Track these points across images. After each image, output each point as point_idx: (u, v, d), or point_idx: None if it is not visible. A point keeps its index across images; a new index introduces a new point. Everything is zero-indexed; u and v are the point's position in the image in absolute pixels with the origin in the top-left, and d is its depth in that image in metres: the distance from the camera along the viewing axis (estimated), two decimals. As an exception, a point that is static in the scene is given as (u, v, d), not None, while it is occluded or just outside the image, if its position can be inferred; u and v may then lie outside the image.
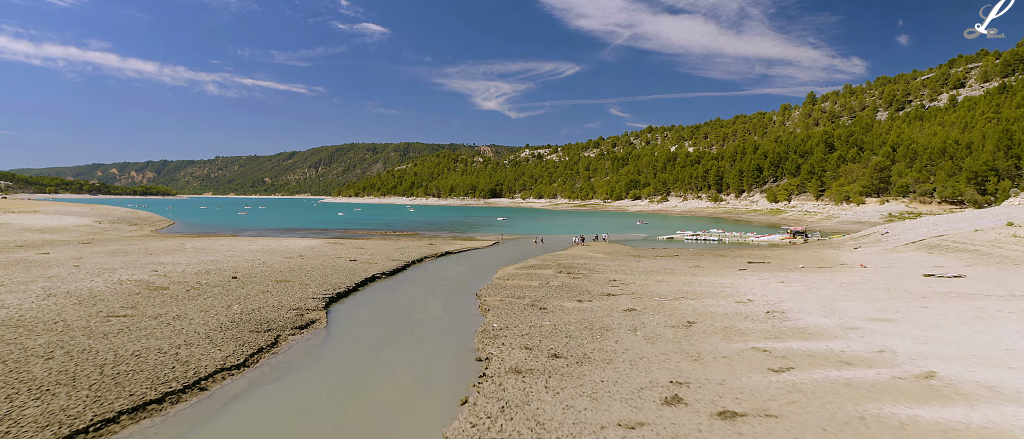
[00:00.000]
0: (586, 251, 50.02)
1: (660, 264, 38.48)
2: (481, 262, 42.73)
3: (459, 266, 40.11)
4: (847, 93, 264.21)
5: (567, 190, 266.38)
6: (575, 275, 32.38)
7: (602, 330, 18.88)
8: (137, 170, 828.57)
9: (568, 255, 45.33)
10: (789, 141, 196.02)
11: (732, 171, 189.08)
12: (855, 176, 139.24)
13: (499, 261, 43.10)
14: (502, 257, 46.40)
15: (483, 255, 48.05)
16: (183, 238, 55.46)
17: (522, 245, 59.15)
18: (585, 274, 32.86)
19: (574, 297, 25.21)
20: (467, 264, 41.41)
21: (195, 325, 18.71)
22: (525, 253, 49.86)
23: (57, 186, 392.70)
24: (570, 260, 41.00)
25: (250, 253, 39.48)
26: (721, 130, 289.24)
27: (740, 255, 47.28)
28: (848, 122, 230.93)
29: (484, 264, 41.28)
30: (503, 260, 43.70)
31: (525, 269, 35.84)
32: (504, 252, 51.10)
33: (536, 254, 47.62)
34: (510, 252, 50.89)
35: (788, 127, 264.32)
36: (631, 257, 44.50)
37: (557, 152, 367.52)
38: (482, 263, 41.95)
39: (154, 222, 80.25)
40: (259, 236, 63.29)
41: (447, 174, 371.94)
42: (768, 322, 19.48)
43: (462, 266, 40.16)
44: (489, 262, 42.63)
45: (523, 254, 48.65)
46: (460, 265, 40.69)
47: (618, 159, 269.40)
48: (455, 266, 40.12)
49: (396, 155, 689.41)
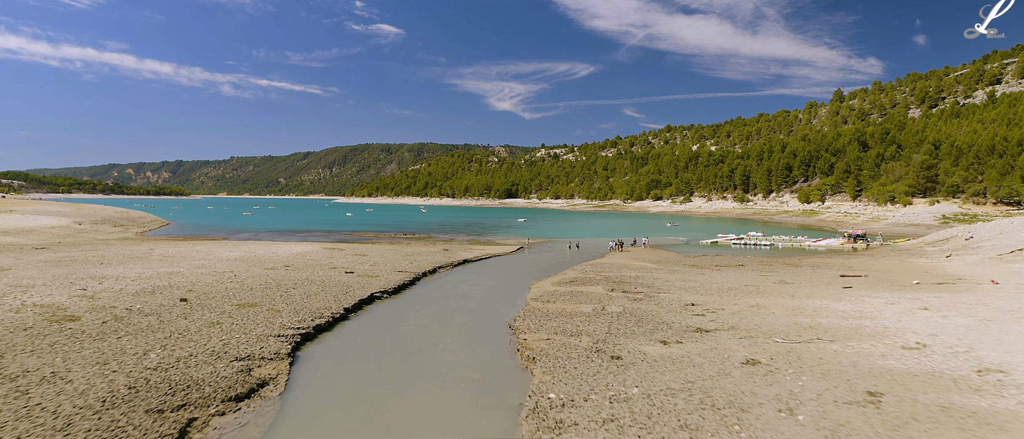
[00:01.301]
0: (629, 258, 42.22)
1: (732, 278, 30.59)
2: (507, 273, 35.14)
3: (481, 279, 32.52)
4: (876, 90, 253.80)
5: (585, 190, 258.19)
6: (635, 295, 24.65)
7: (735, 409, 11.20)
8: (153, 170, 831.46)
9: (610, 264, 37.57)
10: (819, 139, 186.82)
11: (759, 170, 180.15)
12: (897, 175, 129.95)
13: (529, 272, 35.48)
14: (531, 266, 38.78)
15: (508, 263, 40.43)
16: (159, 242, 48.39)
17: (552, 250, 51.41)
18: (647, 293, 25.14)
19: (651, 333, 17.53)
20: (490, 276, 33.84)
21: (58, 400, 11.25)
22: (558, 261, 42.15)
23: (70, 186, 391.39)
24: (617, 271, 33.27)
25: (224, 263, 32.18)
26: (744, 128, 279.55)
27: (814, 264, 39.20)
28: (878, 120, 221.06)
29: (511, 276, 33.69)
30: (534, 270, 36.08)
31: (566, 285, 28.17)
32: (532, 259, 43.46)
33: (572, 263, 39.87)
34: (540, 260, 43.24)
35: (815, 125, 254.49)
36: (687, 266, 36.66)
37: (573, 152, 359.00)
38: (509, 275, 34.34)
39: (143, 223, 73.51)
40: (250, 240, 56.26)
41: (461, 174, 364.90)
42: (1006, 395, 11.71)
43: (485, 279, 32.57)
44: (517, 273, 35.03)
45: (556, 262, 40.93)
46: (482, 277, 33.13)
47: (637, 159, 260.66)
48: (476, 279, 32.55)
49: (410, 155, 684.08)
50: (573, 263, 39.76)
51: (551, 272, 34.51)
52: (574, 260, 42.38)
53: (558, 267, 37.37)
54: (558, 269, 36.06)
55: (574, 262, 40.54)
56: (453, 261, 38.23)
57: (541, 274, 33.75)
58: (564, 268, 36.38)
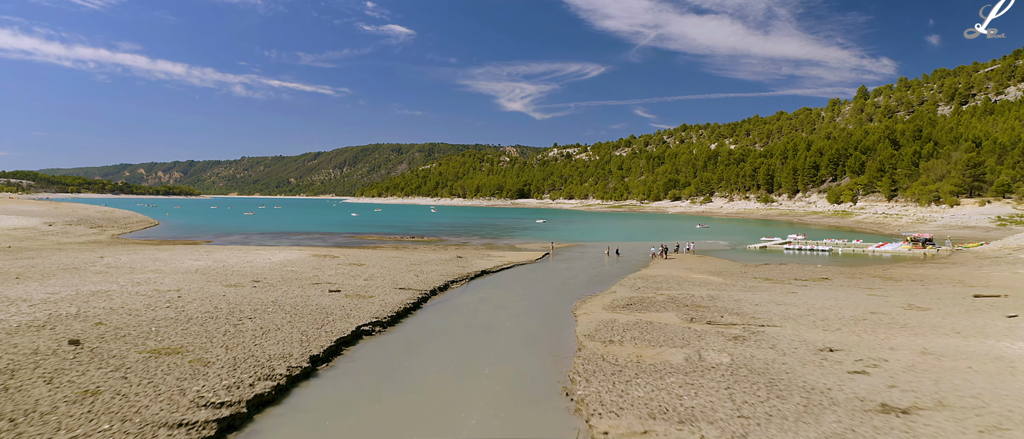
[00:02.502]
0: (681, 268, 34.85)
1: (839, 299, 23.17)
2: (539, 289, 27.85)
3: (507, 298, 25.26)
4: (902, 87, 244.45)
5: (599, 190, 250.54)
6: (730, 330, 17.32)
7: None
8: (164, 170, 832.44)
9: (665, 277, 30.20)
10: (845, 138, 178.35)
11: (784, 170, 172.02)
12: (939, 174, 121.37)
13: (566, 287, 28.20)
14: (566, 279, 31.49)
15: (536, 275, 33.12)
16: (123, 247, 41.55)
17: (583, 257, 44.00)
18: (746, 326, 17.83)
19: (816, 421, 10.30)
20: (518, 293, 26.56)
21: None
22: (597, 272, 34.81)
23: (79, 186, 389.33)
24: (680, 288, 25.95)
25: (178, 277, 25.18)
26: (764, 127, 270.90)
27: (917, 277, 31.56)
28: (906, 117, 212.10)
29: (545, 294, 26.41)
30: (571, 285, 28.79)
31: (624, 309, 20.89)
32: (564, 269, 36.15)
33: (615, 274, 32.54)
34: (574, 270, 35.90)
35: (838, 123, 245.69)
36: (763, 281, 29.22)
37: (586, 151, 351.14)
38: (541, 292, 27.04)
39: (126, 225, 66.79)
40: (235, 244, 49.50)
41: (473, 174, 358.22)
42: None
43: (511, 298, 25.28)
44: (551, 289, 27.75)
45: (595, 274, 33.58)
46: (508, 296, 25.87)
47: (653, 158, 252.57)
48: (500, 298, 25.32)
49: (421, 155, 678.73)
50: (616, 275, 32.41)
51: (594, 287, 27.23)
52: (615, 271, 35.07)
53: (600, 281, 30.08)
54: (601, 283, 28.78)
55: (617, 273, 33.19)
56: (468, 273, 30.99)
57: (582, 291, 26.49)
58: (608, 282, 29.10)
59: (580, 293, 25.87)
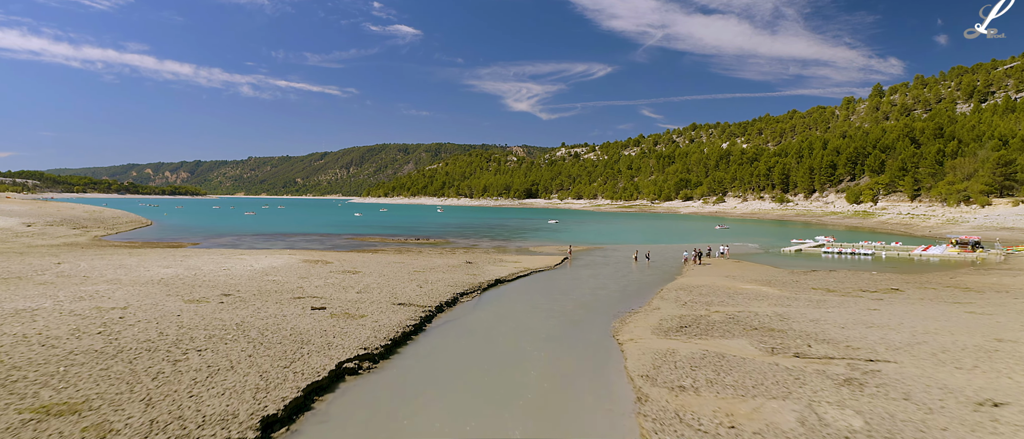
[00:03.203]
0: (723, 276, 30.44)
1: (932, 316, 18.77)
2: (564, 304, 23.41)
3: (529, 318, 20.84)
4: (919, 84, 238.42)
5: (608, 190, 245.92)
6: (839, 374, 13.07)
7: None
8: (171, 170, 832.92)
9: (710, 288, 25.80)
10: (861, 136, 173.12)
11: (800, 169, 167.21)
12: (967, 172, 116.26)
13: (596, 300, 23.85)
14: (595, 290, 27.07)
15: (558, 285, 28.74)
16: (97, 250, 37.53)
17: (607, 262, 39.54)
18: (850, 363, 13.53)
19: None
20: (541, 310, 22.12)
21: None
22: (627, 280, 30.39)
23: (85, 185, 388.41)
24: (735, 303, 21.60)
25: (133, 290, 21.04)
26: (776, 126, 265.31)
27: (1003, 289, 27.14)
28: (923, 115, 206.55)
29: (575, 310, 21.94)
30: (602, 298, 24.43)
31: (679, 335, 16.58)
32: (588, 278, 31.73)
33: (650, 283, 28.16)
34: (600, 278, 31.48)
35: (853, 122, 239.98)
36: (824, 292, 24.83)
37: (595, 151, 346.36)
38: (570, 308, 22.57)
39: (114, 225, 62.81)
40: (222, 247, 45.53)
41: (480, 174, 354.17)
42: None
43: (535, 319, 20.80)
44: (580, 304, 23.36)
45: (627, 283, 29.15)
46: (530, 315, 21.47)
47: (663, 157, 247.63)
48: (520, 316, 21.01)
49: (428, 155, 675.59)
50: (651, 284, 28.06)
51: (631, 301, 22.91)
52: (648, 279, 30.72)
53: (636, 292, 25.73)
54: (638, 295, 24.44)
55: (651, 282, 28.83)
56: (480, 283, 26.68)
57: (618, 305, 22.18)
58: (645, 293, 24.77)
59: (616, 309, 21.56)
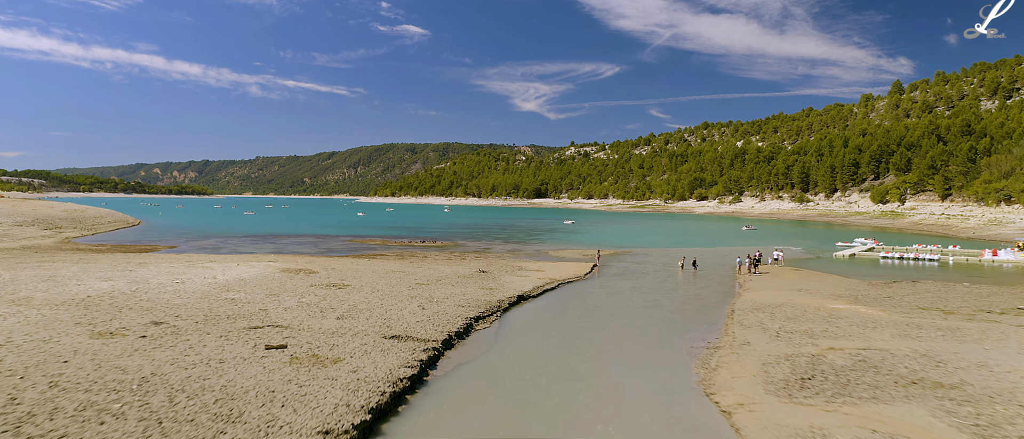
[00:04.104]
0: (796, 291, 25.22)
1: None
2: (616, 332, 18.23)
3: (572, 358, 15.40)
4: (940, 81, 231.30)
5: (620, 190, 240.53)
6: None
7: None
8: (179, 170, 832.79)
9: (792, 308, 20.66)
10: (882, 134, 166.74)
11: (821, 168, 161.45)
12: (1004, 170, 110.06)
13: (656, 327, 18.71)
14: (648, 310, 21.87)
15: (596, 302, 23.57)
16: (46, 255, 32.75)
17: (645, 270, 34.37)
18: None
19: None
20: (587, 347, 16.59)
21: None
22: (679, 295, 25.29)
23: (91, 185, 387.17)
24: (845, 333, 16.47)
25: (38, 314, 16.06)
26: (793, 124, 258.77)
27: None
28: (946, 113, 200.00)
29: (633, 345, 16.73)
30: (660, 323, 19.30)
31: (815, 399, 11.47)
32: (631, 291, 26.54)
33: (714, 302, 23.02)
34: (645, 291, 26.31)
35: (872, 119, 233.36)
36: (941, 314, 19.68)
37: (605, 150, 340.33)
38: (623, 339, 17.35)
39: (94, 225, 58.07)
40: (198, 252, 40.93)
41: (488, 173, 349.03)
42: None
43: (585, 361, 15.30)
44: (636, 331, 18.20)
45: (681, 299, 24.04)
46: (570, 351, 16.05)
47: (676, 156, 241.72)
48: (560, 358, 15.70)
49: (435, 155, 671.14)
50: (714, 300, 22.93)
51: (699, 328, 17.80)
52: (704, 292, 25.64)
53: (698, 312, 20.61)
54: (705, 319, 19.31)
55: (711, 298, 23.69)
56: (499, 300, 21.57)
57: (687, 335, 17.08)
58: (712, 315, 19.67)
59: (688, 340, 16.46)
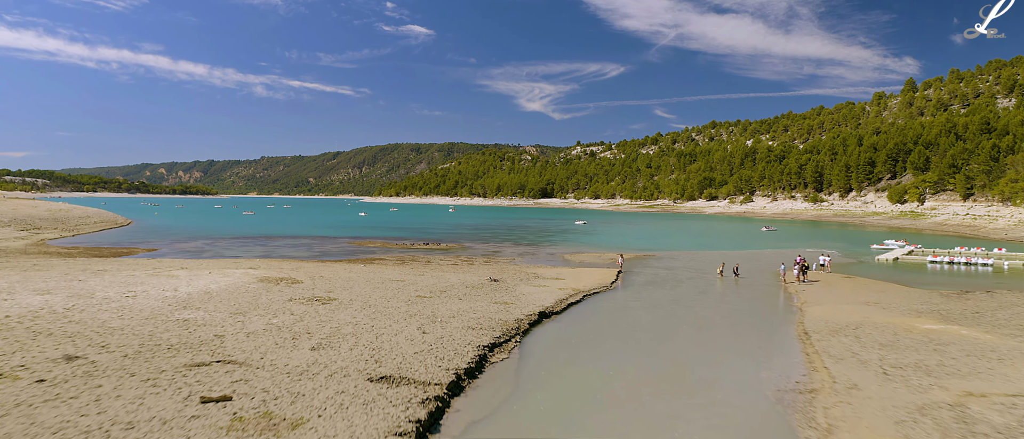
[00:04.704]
0: (868, 306, 21.66)
1: None
2: (669, 366, 14.64)
3: (628, 412, 11.96)
4: (954, 79, 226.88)
5: (627, 190, 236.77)
6: None
7: None
8: (185, 170, 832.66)
9: (875, 327, 17.13)
10: (896, 132, 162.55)
11: (835, 167, 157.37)
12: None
13: (718, 356, 15.14)
14: (700, 330, 18.30)
15: (634, 319, 20.04)
16: (5, 261, 29.54)
17: (676, 277, 30.82)
18: None
19: None
20: (645, 389, 12.94)
21: None
22: (727, 308, 21.82)
23: (95, 185, 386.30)
24: (974, 370, 13.05)
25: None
26: (804, 122, 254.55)
27: None
28: (961, 110, 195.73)
29: (692, 383, 13.30)
30: (722, 349, 15.73)
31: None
32: (671, 303, 23.04)
33: (775, 321, 19.58)
34: (687, 303, 22.78)
35: (886, 118, 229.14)
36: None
37: (611, 149, 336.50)
38: (683, 379, 13.99)
39: (77, 226, 54.82)
40: (183, 255, 37.72)
41: (493, 173, 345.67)
42: None
43: (641, 414, 11.81)
44: (695, 365, 14.74)
45: (736, 316, 20.50)
46: (621, 399, 12.31)
47: (684, 155, 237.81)
48: (608, 414, 12.16)
49: (440, 155, 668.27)
50: (772, 317, 19.50)
51: (773, 357, 14.32)
52: (760, 307, 22.18)
53: (759, 334, 17.12)
54: (771, 343, 15.80)
55: (768, 313, 20.27)
56: (517, 320, 18.04)
57: (762, 370, 13.57)
58: (779, 338, 16.20)
59: (771, 381, 12.89)
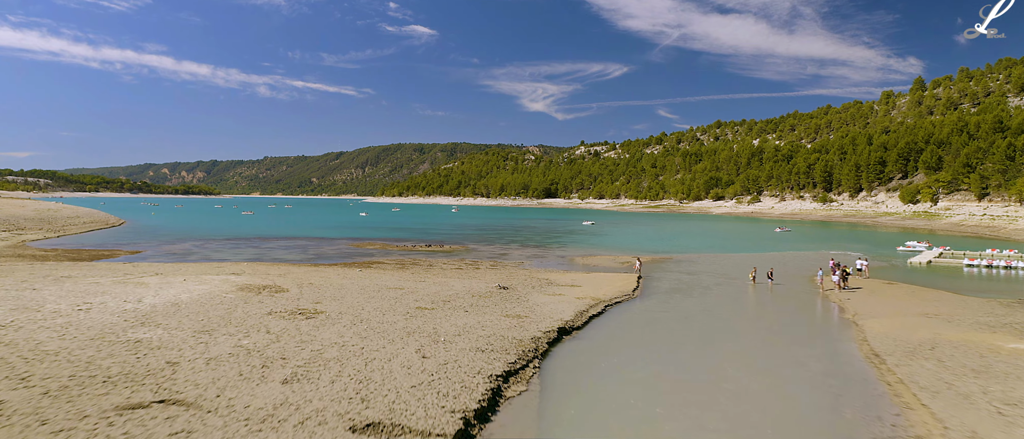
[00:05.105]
0: (930, 319, 19.00)
1: None
2: (719, 394, 12.03)
3: None
4: (964, 77, 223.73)
5: (632, 190, 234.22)
6: None
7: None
8: (188, 170, 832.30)
9: (955, 347, 14.49)
10: (907, 131, 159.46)
11: (845, 166, 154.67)
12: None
13: (797, 396, 12.42)
14: (750, 348, 15.72)
15: (669, 336, 17.30)
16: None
17: (704, 284, 27.98)
18: None
19: None
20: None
21: None
22: (771, 322, 19.24)
23: (97, 185, 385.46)
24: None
25: None
26: (811, 122, 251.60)
27: None
28: (972, 109, 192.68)
29: (764, 433, 10.82)
30: (792, 384, 13.14)
31: None
32: (699, 313, 20.44)
33: (826, 334, 16.92)
34: (718, 313, 20.21)
35: (894, 117, 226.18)
36: None
37: (615, 149, 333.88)
38: (740, 411, 11.29)
39: (64, 227, 52.61)
40: (165, 258, 35.56)
41: (497, 173, 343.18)
42: None
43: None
44: (759, 401, 11.96)
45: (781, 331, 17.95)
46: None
47: (690, 155, 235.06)
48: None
49: (443, 155, 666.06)
50: (826, 332, 16.86)
51: (851, 390, 11.74)
52: (802, 319, 19.58)
53: (825, 354, 14.52)
54: (837, 366, 13.32)
55: (821, 328, 17.62)
56: (533, 338, 15.52)
57: (836, 402, 11.04)
58: (843, 360, 13.65)
59: (857, 425, 10.35)
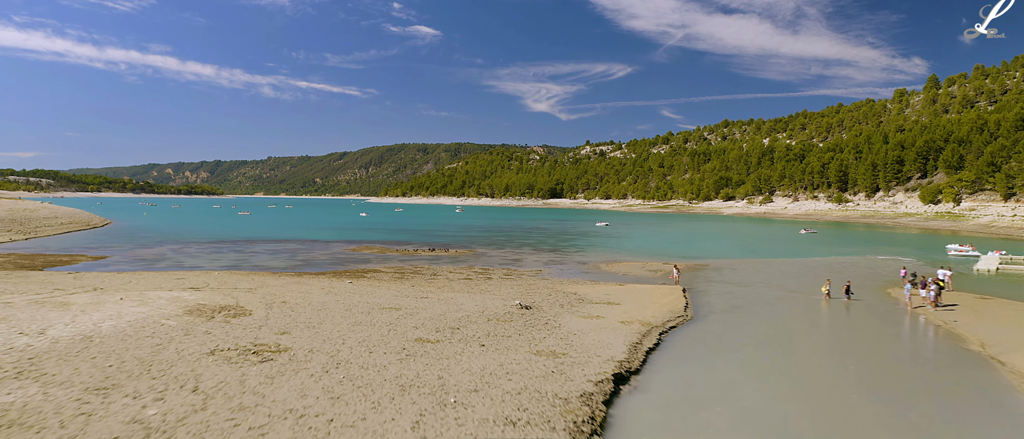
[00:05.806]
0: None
1: None
2: None
3: None
4: (979, 75, 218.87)
5: (639, 190, 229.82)
6: None
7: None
8: (191, 170, 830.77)
9: None
10: (922, 130, 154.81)
11: (861, 165, 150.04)
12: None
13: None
14: (892, 409, 11.73)
15: (773, 389, 13.44)
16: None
17: (766, 299, 23.53)
18: None
19: None
20: None
21: None
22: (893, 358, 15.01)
23: (100, 185, 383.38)
24: None
25: None
26: (822, 121, 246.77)
27: None
28: (989, 107, 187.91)
29: None
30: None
31: None
32: (790, 345, 16.36)
33: (973, 378, 12.89)
34: (821, 345, 16.09)
35: (908, 115, 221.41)
36: None
37: (621, 149, 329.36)
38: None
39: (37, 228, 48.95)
40: (130, 266, 31.80)
41: (501, 173, 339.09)
42: None
43: None
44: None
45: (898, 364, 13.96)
46: None
47: (698, 155, 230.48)
48: None
49: (447, 155, 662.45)
50: (964, 378, 12.93)
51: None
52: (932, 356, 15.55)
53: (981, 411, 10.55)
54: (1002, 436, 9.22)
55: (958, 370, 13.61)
56: (583, 394, 10.92)
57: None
58: (1004, 420, 9.59)
59: None
